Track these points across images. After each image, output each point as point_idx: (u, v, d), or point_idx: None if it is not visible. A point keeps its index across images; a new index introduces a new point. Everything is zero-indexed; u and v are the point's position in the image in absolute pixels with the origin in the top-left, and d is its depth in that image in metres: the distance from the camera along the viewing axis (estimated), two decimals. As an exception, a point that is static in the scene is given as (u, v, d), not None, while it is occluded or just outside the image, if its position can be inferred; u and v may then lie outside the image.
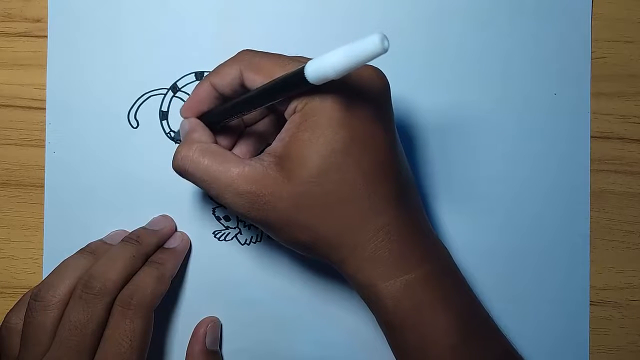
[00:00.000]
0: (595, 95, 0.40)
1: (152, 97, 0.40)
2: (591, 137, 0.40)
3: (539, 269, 0.40)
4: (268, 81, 0.31)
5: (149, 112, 0.40)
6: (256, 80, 0.32)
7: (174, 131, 0.40)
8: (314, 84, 0.28)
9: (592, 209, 0.40)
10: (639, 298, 0.40)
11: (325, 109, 0.30)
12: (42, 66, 0.40)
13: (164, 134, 0.40)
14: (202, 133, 0.34)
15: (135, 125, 0.40)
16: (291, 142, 0.31)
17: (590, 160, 0.40)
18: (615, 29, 0.40)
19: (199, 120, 0.35)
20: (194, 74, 0.40)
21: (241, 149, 0.37)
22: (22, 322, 0.35)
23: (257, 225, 0.34)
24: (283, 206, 0.31)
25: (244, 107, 0.32)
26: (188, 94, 0.40)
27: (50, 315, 0.34)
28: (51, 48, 0.40)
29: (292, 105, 0.31)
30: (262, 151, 0.33)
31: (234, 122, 0.36)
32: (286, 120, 0.32)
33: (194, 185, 0.32)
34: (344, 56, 0.26)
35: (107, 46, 0.40)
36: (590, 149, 0.40)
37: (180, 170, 0.33)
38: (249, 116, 0.36)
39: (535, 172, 0.40)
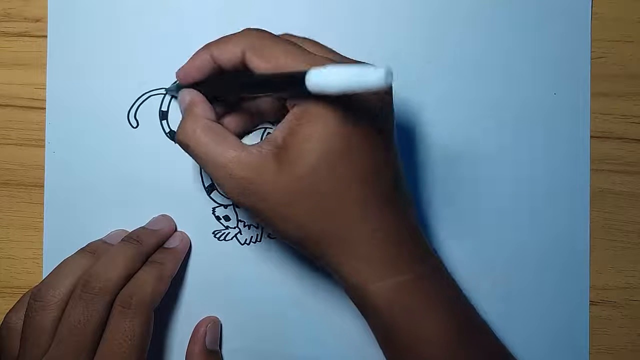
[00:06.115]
0: (595, 95, 0.40)
1: (152, 97, 0.40)
2: (591, 137, 0.40)
3: (539, 268, 0.40)
4: (271, 70, 0.30)
5: (149, 112, 0.40)
6: (260, 66, 0.31)
7: (174, 131, 0.40)
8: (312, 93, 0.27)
9: (592, 209, 0.40)
10: (639, 298, 0.40)
11: (327, 105, 0.30)
12: (42, 66, 0.40)
13: (164, 134, 0.40)
14: (204, 108, 0.34)
15: (135, 125, 0.40)
16: (290, 134, 0.30)
17: (590, 160, 0.40)
18: (615, 29, 0.40)
19: (200, 94, 0.34)
20: (194, 74, 0.40)
21: (234, 120, 0.36)
22: (22, 322, 0.35)
23: (246, 212, 0.33)
24: (273, 198, 0.31)
25: (241, 91, 0.32)
26: (188, 94, 0.40)
27: (50, 315, 0.34)
28: (51, 48, 0.40)
29: None
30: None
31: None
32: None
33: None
34: (346, 79, 0.25)
35: (107, 46, 0.40)
36: (590, 149, 0.40)
37: (183, 144, 0.33)
38: None
39: (535, 172, 0.40)
